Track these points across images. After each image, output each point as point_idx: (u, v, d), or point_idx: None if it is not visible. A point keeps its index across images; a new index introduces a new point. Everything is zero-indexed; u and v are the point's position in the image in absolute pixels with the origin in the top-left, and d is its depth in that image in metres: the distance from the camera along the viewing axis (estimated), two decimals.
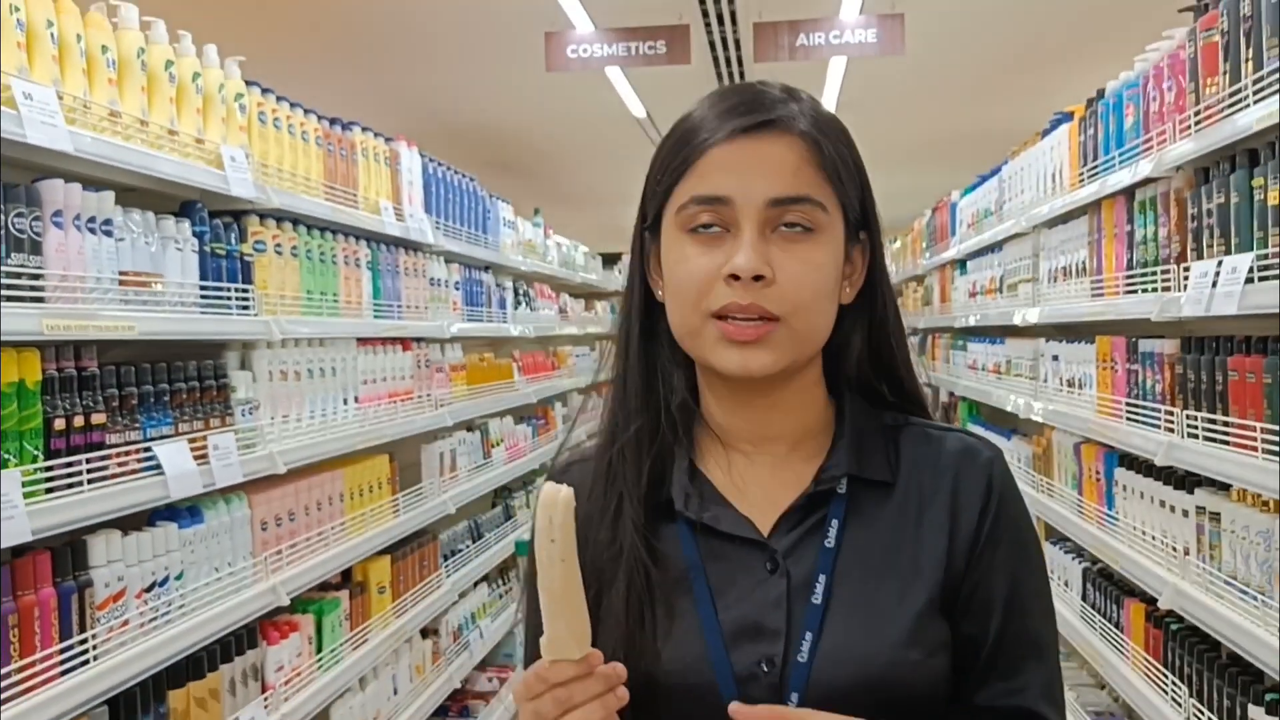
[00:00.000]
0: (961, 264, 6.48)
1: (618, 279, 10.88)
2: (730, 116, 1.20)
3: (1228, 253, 2.63)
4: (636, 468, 1.25)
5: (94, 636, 2.34)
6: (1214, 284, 2.60)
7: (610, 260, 11.46)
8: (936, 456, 1.25)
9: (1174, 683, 3.05)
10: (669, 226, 1.23)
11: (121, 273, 2.52)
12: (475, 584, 5.15)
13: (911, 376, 1.32)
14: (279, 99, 3.39)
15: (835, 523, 1.20)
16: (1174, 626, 3.12)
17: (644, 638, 1.18)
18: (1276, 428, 2.42)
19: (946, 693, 1.19)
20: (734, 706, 1.12)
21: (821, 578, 1.18)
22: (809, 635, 1.15)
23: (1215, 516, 2.78)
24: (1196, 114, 2.81)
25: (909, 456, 1.26)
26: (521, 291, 6.42)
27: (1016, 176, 4.94)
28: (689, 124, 1.23)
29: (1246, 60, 2.55)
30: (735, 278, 1.16)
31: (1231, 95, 2.61)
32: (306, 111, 3.58)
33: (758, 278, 1.16)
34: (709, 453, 1.28)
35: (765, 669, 1.15)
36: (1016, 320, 4.71)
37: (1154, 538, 3.17)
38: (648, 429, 1.27)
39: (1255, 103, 2.47)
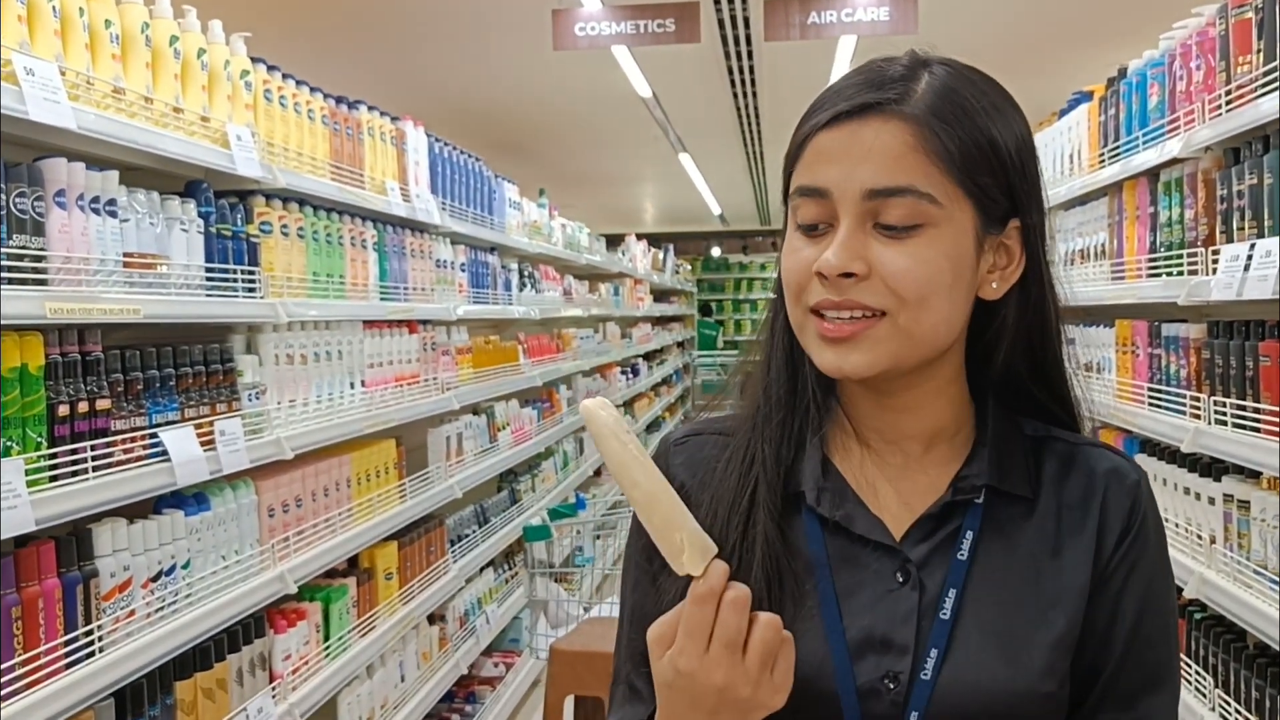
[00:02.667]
0: None
1: (621, 261, 10.82)
2: (841, 98, 1.10)
3: (1260, 236, 2.56)
4: (776, 456, 1.17)
5: (99, 628, 2.29)
6: (1246, 268, 2.53)
7: (614, 242, 11.39)
8: (1083, 476, 1.17)
9: (1198, 673, 3.00)
10: (789, 215, 1.15)
11: (126, 254, 2.45)
12: (481, 569, 5.10)
13: (1064, 382, 1.22)
14: (285, 76, 3.32)
15: (970, 534, 1.12)
16: (1198, 615, 3.06)
17: None
18: None
19: None
20: None
21: (952, 592, 1.10)
22: (934, 652, 1.09)
23: (1244, 505, 2.72)
24: (1228, 93, 2.74)
25: (1052, 472, 1.17)
26: (527, 273, 6.35)
27: None
28: (812, 104, 1.15)
29: None
30: (823, 275, 1.08)
31: (1267, 74, 2.54)
32: (312, 90, 3.50)
33: (847, 275, 1.07)
34: (841, 446, 1.19)
35: (890, 685, 1.09)
36: None
37: (1177, 525, 3.12)
38: (789, 416, 1.19)
39: None
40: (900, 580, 1.11)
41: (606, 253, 10.12)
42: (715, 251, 23.36)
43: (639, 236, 12.57)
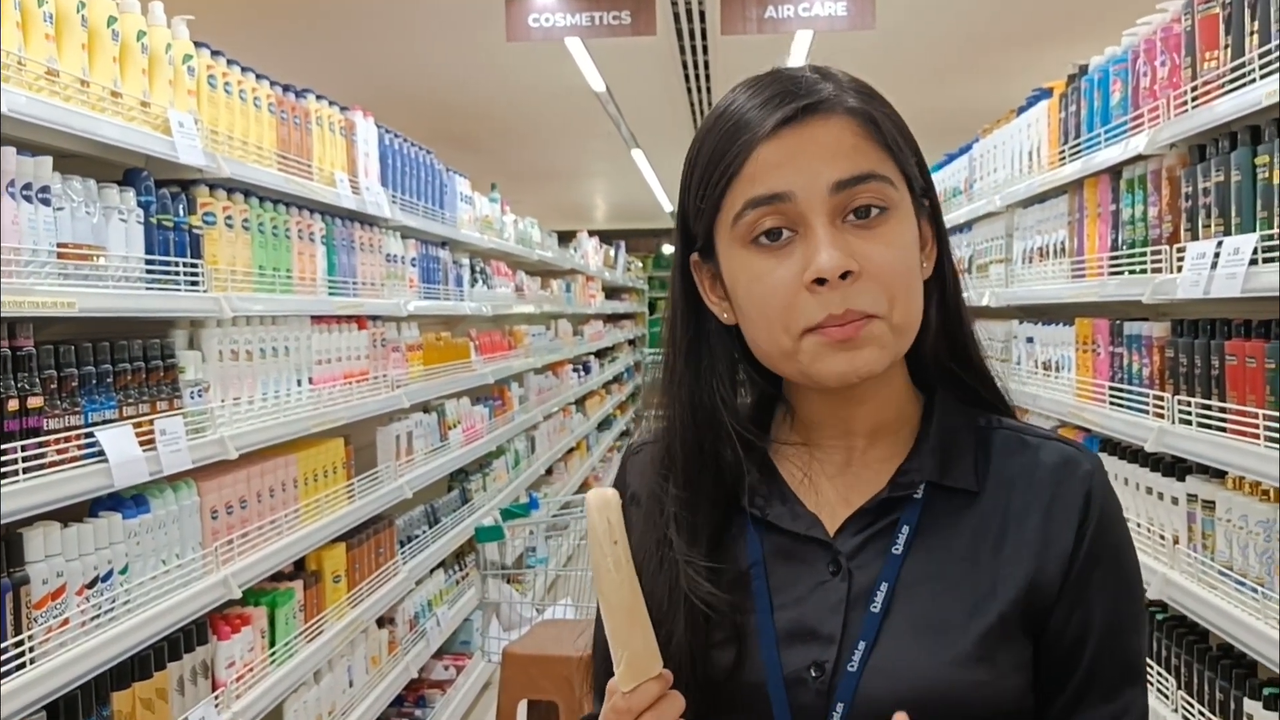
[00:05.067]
0: None
1: (574, 257, 10.73)
2: (769, 109, 1.08)
3: (1227, 233, 2.54)
4: (691, 507, 1.16)
5: (31, 638, 2.17)
6: (1214, 265, 2.50)
7: (565, 238, 11.30)
8: (1031, 468, 1.14)
9: (1160, 674, 2.98)
10: (727, 243, 1.11)
11: (60, 244, 2.34)
12: (432, 571, 5.00)
13: (982, 359, 1.21)
14: (230, 62, 3.21)
15: (907, 529, 1.12)
16: (1160, 617, 3.04)
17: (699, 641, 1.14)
18: (1279, 414, 2.34)
19: (1020, 715, 1.10)
20: None
21: (884, 585, 1.09)
22: (862, 644, 1.08)
23: (1209, 505, 2.70)
24: (1193, 89, 2.71)
25: (1000, 466, 1.15)
26: (479, 269, 6.25)
27: (989, 154, 4.85)
28: (725, 125, 1.10)
29: (1251, 34, 2.46)
30: (820, 281, 1.04)
31: (1234, 70, 2.52)
32: (259, 77, 3.39)
33: (844, 275, 1.04)
34: (787, 445, 1.20)
35: (814, 674, 1.09)
36: (987, 302, 4.62)
37: (1139, 525, 3.09)
38: (707, 463, 1.17)
39: (1262, 78, 2.37)
40: (831, 573, 1.12)
41: (558, 249, 10.03)
42: (666, 249, 23.31)
43: (591, 233, 12.49)
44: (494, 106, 9.56)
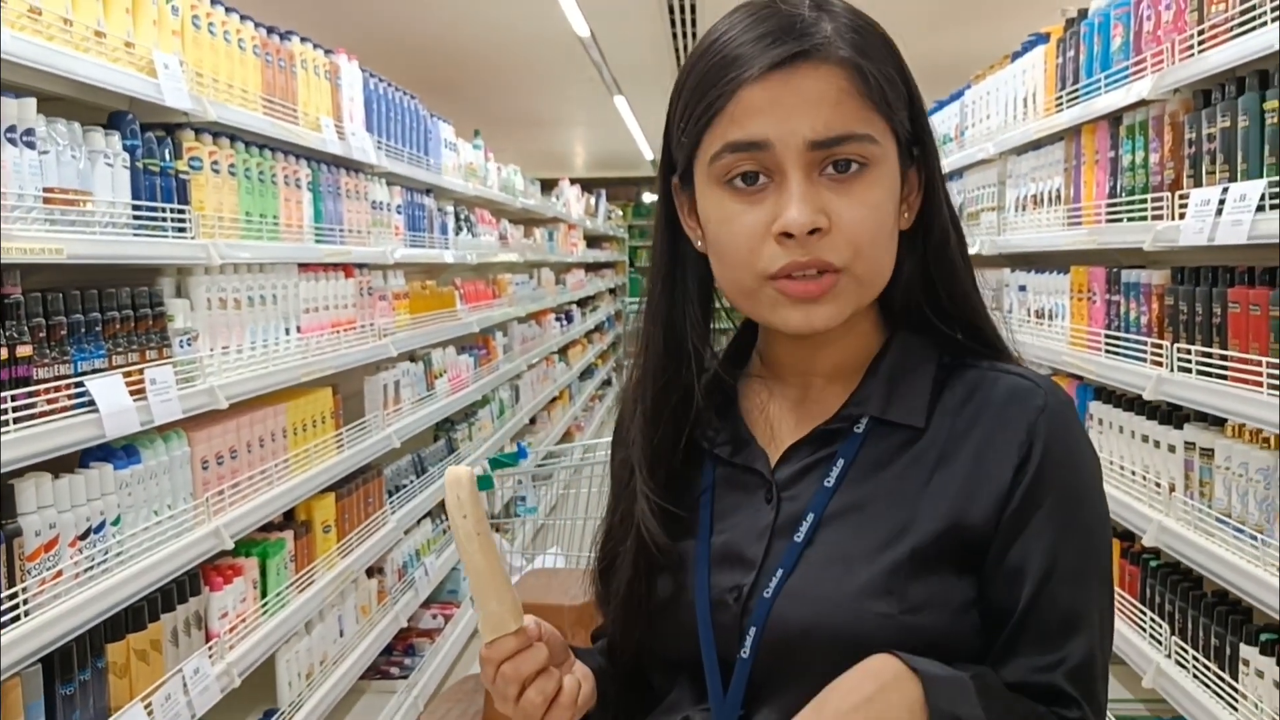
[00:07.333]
0: None
1: (556, 205, 10.64)
2: (760, 48, 1.06)
3: (1232, 179, 2.51)
4: (649, 437, 1.21)
5: (24, 590, 2.14)
6: (1219, 212, 2.48)
7: (547, 186, 11.19)
8: (981, 403, 1.12)
9: (1153, 619, 3.00)
10: (704, 178, 1.12)
11: (46, 189, 2.27)
12: (419, 520, 4.97)
13: (981, 309, 1.19)
14: (214, 2, 3.12)
15: (841, 463, 1.13)
16: (1153, 563, 3.05)
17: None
18: None
19: (955, 658, 1.06)
20: None
21: (810, 516, 1.12)
22: (780, 572, 1.11)
23: (1208, 453, 2.70)
24: (1200, 33, 2.67)
25: (951, 401, 1.14)
26: (463, 217, 6.17)
27: (981, 101, 4.80)
28: (714, 58, 1.09)
29: None
30: (788, 235, 1.06)
31: (1243, 13, 2.48)
32: (243, 18, 3.30)
33: (813, 231, 1.05)
34: (753, 378, 1.24)
35: (733, 598, 1.12)
36: (979, 250, 4.59)
37: (1134, 473, 3.09)
38: (672, 391, 1.21)
39: (1274, 20, 2.33)
40: (766, 501, 1.15)
41: (541, 197, 9.94)
42: (647, 197, 23.16)
43: (572, 181, 12.37)
44: (476, 51, 9.42)
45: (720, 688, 1.11)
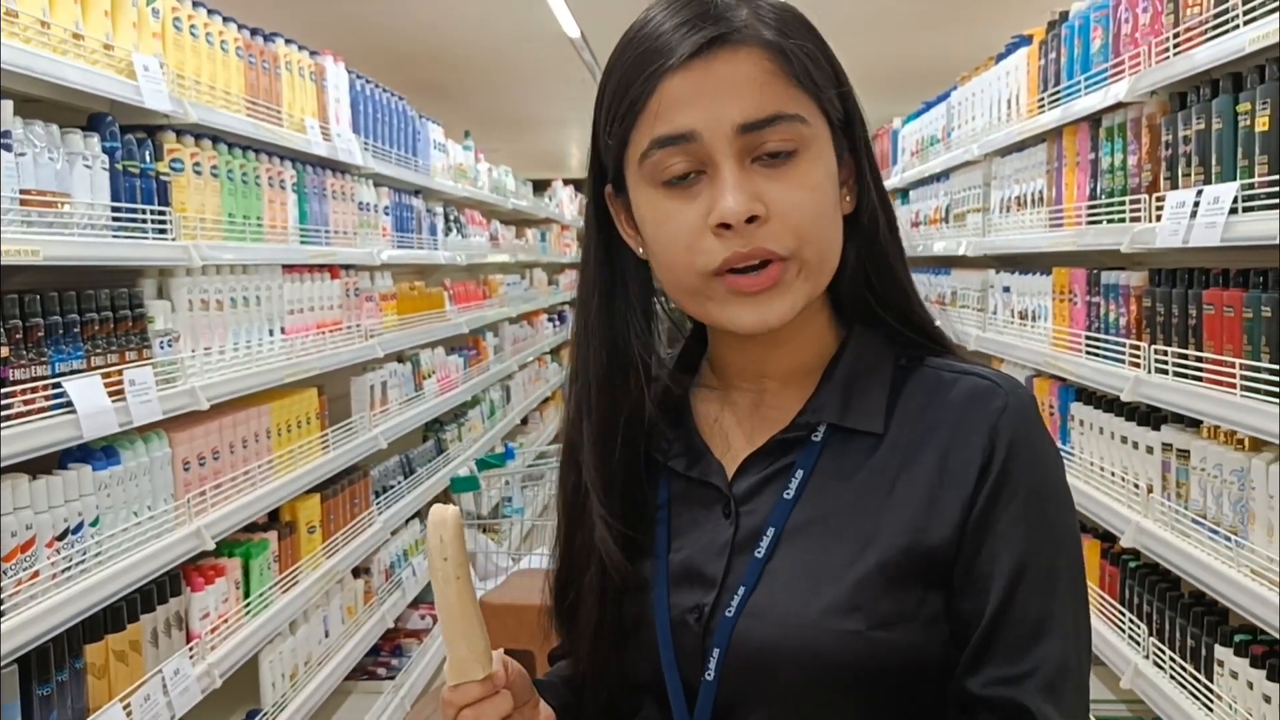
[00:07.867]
0: (904, 193, 6.37)
1: (548, 206, 10.65)
2: (678, 37, 1.03)
3: (1207, 182, 2.52)
4: (603, 457, 1.15)
5: (1, 591, 2.14)
6: (1193, 214, 2.49)
7: (540, 187, 11.20)
8: (940, 407, 1.08)
9: (1131, 620, 3.01)
10: (636, 179, 1.08)
11: (23, 191, 2.28)
12: (407, 521, 4.98)
13: (915, 300, 1.15)
14: (195, 5, 3.13)
15: (800, 474, 1.09)
16: (1132, 564, 3.07)
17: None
18: (1256, 363, 2.34)
19: (926, 673, 1.04)
20: None
21: (770, 530, 1.07)
22: (742, 589, 1.06)
23: (1184, 454, 2.71)
24: (1175, 36, 2.69)
25: (909, 405, 1.10)
26: (452, 218, 6.18)
27: (967, 103, 4.81)
28: (634, 52, 1.06)
29: None
30: (725, 226, 1.02)
31: (1216, 16, 2.49)
32: (225, 20, 3.31)
33: (751, 219, 1.02)
34: (705, 388, 1.19)
35: (694, 618, 1.08)
36: (964, 251, 4.61)
37: (1113, 475, 3.11)
38: (621, 407, 1.16)
39: (1246, 23, 2.35)
40: (724, 516, 1.11)
41: (533, 198, 9.94)
42: None
43: (566, 181, 12.38)
44: (467, 52, 9.43)
45: (686, 712, 1.08)
